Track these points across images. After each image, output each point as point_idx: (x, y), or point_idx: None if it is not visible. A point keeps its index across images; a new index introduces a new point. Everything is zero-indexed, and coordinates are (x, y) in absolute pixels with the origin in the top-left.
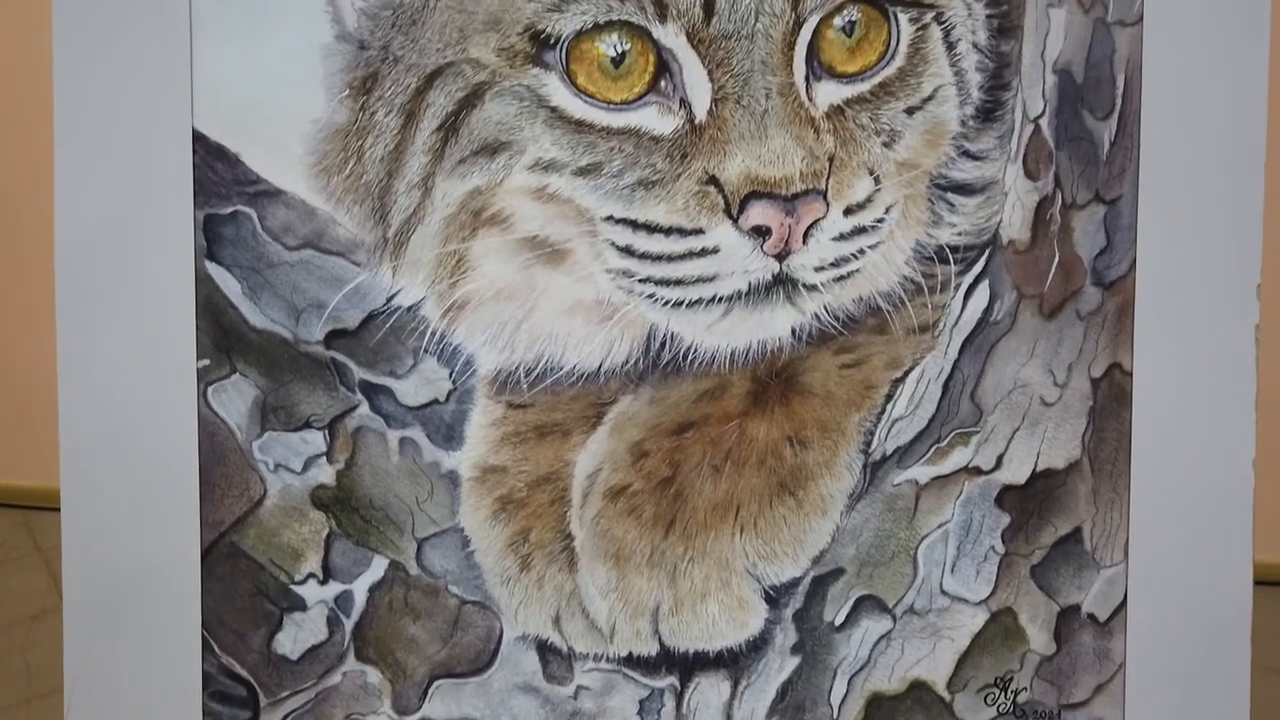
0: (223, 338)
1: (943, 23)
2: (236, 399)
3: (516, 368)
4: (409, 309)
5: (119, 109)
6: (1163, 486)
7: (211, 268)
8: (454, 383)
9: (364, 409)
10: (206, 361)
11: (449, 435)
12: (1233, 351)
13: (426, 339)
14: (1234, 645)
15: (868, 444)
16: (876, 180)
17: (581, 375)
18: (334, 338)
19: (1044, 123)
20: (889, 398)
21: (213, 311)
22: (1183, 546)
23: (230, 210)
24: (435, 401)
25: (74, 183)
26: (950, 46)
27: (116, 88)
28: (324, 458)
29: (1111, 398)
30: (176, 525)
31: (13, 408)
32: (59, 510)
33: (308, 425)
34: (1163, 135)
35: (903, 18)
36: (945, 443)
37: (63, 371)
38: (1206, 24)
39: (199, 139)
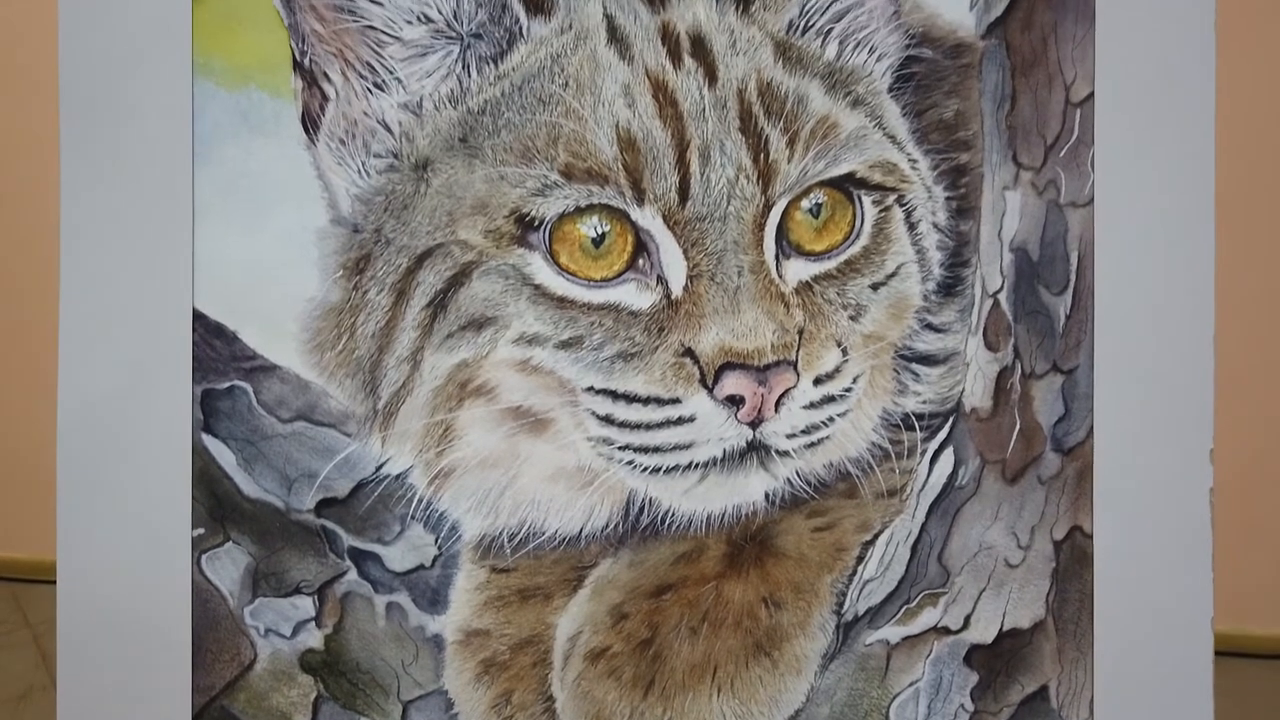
0: (217, 507)
1: (904, 205)
2: (229, 566)
3: (500, 533)
4: (397, 477)
5: (123, 289)
6: (1125, 646)
7: (208, 440)
8: (439, 548)
9: (352, 575)
10: (201, 531)
11: (434, 599)
12: (1189, 515)
13: (413, 506)
14: None
15: (840, 605)
16: (844, 352)
17: (563, 540)
18: (324, 506)
19: (1003, 297)
20: (860, 560)
21: (208, 482)
22: (1146, 705)
23: (227, 385)
24: (421, 567)
25: (78, 359)
26: (912, 227)
27: (121, 268)
28: (313, 622)
29: (1073, 559)
30: (168, 691)
31: (0, 478)
32: (48, 583)
33: (298, 591)
34: (1115, 309)
35: (866, 200)
36: (915, 603)
37: (62, 541)
38: (1154, 205)
39: (199, 317)
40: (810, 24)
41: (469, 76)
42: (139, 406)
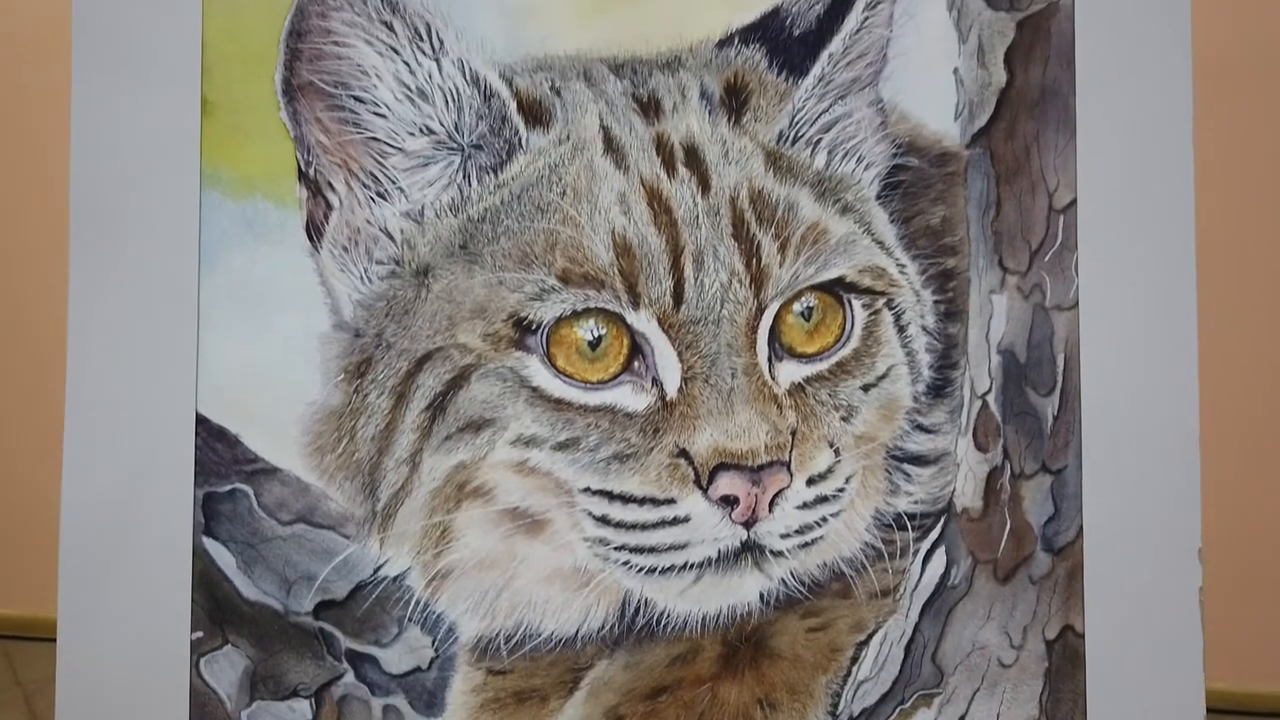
0: (216, 610)
1: (893, 308)
2: (227, 669)
3: (497, 635)
4: (395, 579)
5: (127, 392)
6: None
7: (208, 543)
8: (436, 650)
9: (349, 677)
10: (200, 634)
11: (431, 702)
12: (1179, 614)
13: (411, 608)
14: None
15: (835, 705)
16: (836, 452)
17: (559, 641)
18: (322, 608)
19: (991, 399)
20: (854, 660)
21: (208, 585)
22: None
23: (228, 488)
24: (418, 669)
25: (81, 462)
26: (901, 329)
27: (126, 372)
28: None
29: (1066, 659)
30: None
31: None
32: (40, 640)
33: (295, 694)
34: (1102, 410)
35: (856, 304)
36: (909, 704)
37: (62, 643)
38: (1137, 308)
39: (201, 421)
40: (800, 135)
41: (469, 185)
42: (141, 510)
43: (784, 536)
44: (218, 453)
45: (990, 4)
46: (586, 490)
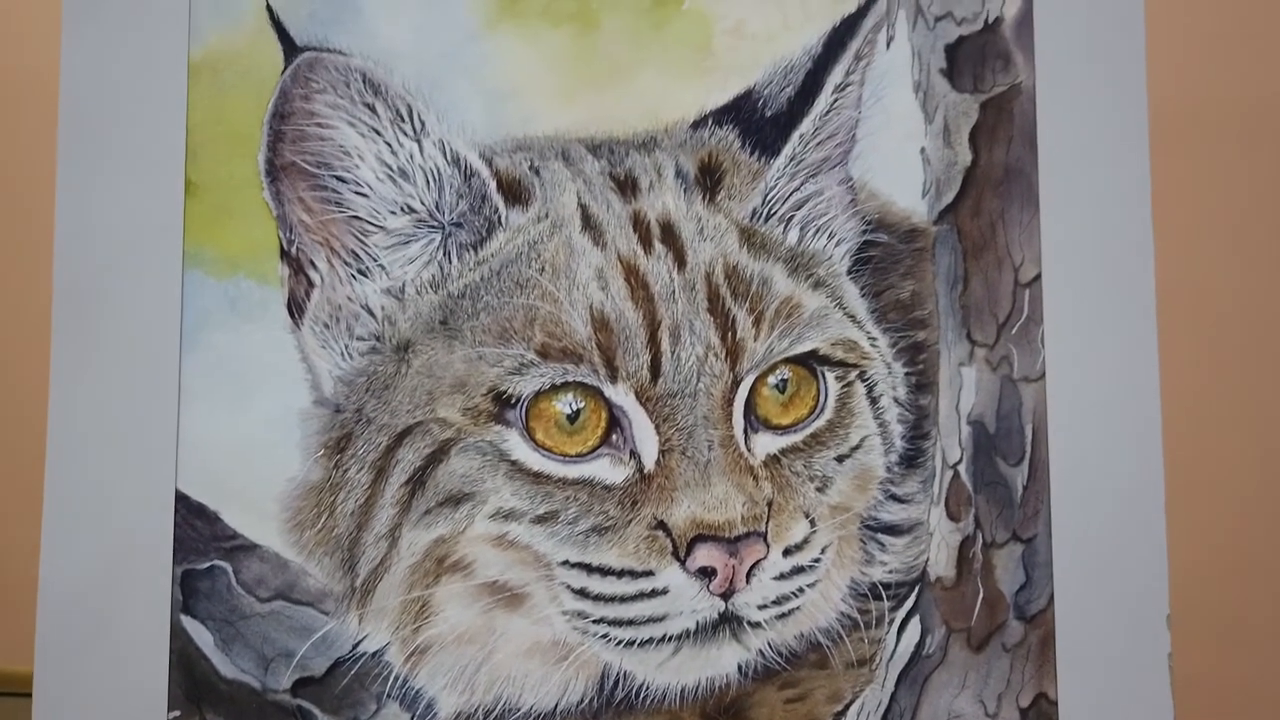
0: (194, 689)
1: (866, 380)
2: None
3: (476, 710)
4: (373, 655)
5: (107, 469)
6: None
7: (186, 621)
8: None
9: None
10: (177, 713)
11: None
12: (1150, 680)
13: (390, 684)
14: None
15: None
16: (812, 523)
17: (538, 716)
18: (301, 685)
19: (962, 469)
20: None
21: (185, 663)
22: None
23: (207, 565)
24: None
25: (60, 540)
26: (874, 401)
27: (107, 450)
28: None
29: None
30: None
31: None
32: (18, 696)
33: None
34: (1069, 479)
35: (829, 376)
36: None
37: None
38: (1102, 379)
39: (181, 499)
40: (772, 212)
41: (450, 263)
42: (119, 587)
43: (761, 607)
44: (197, 529)
45: (955, 86)
46: (565, 563)
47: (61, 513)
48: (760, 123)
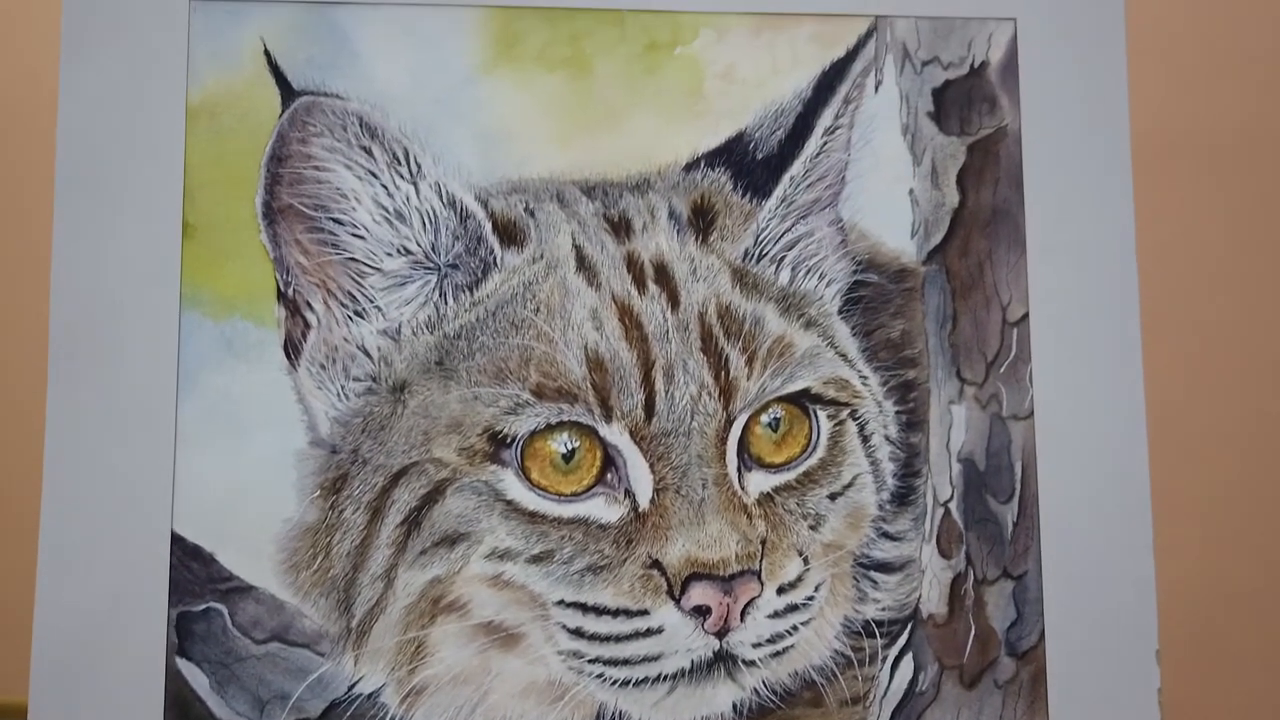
0: None
1: (857, 418)
2: None
3: None
4: (369, 696)
5: (103, 511)
6: None
7: (182, 664)
8: None
9: None
10: None
11: None
12: (1139, 715)
13: None
14: None
15: None
16: (805, 561)
17: None
18: None
19: (953, 506)
20: None
21: (180, 706)
22: None
23: (203, 607)
24: None
25: (55, 582)
26: (865, 439)
27: (103, 492)
28: None
29: None
30: None
31: None
32: None
33: None
34: (1059, 515)
35: (821, 414)
36: None
37: None
38: (1089, 416)
39: (177, 540)
40: (764, 253)
41: (446, 303)
42: (114, 630)
43: (756, 645)
44: (193, 571)
45: (942, 129)
46: (561, 603)
47: (57, 553)
48: (751, 165)
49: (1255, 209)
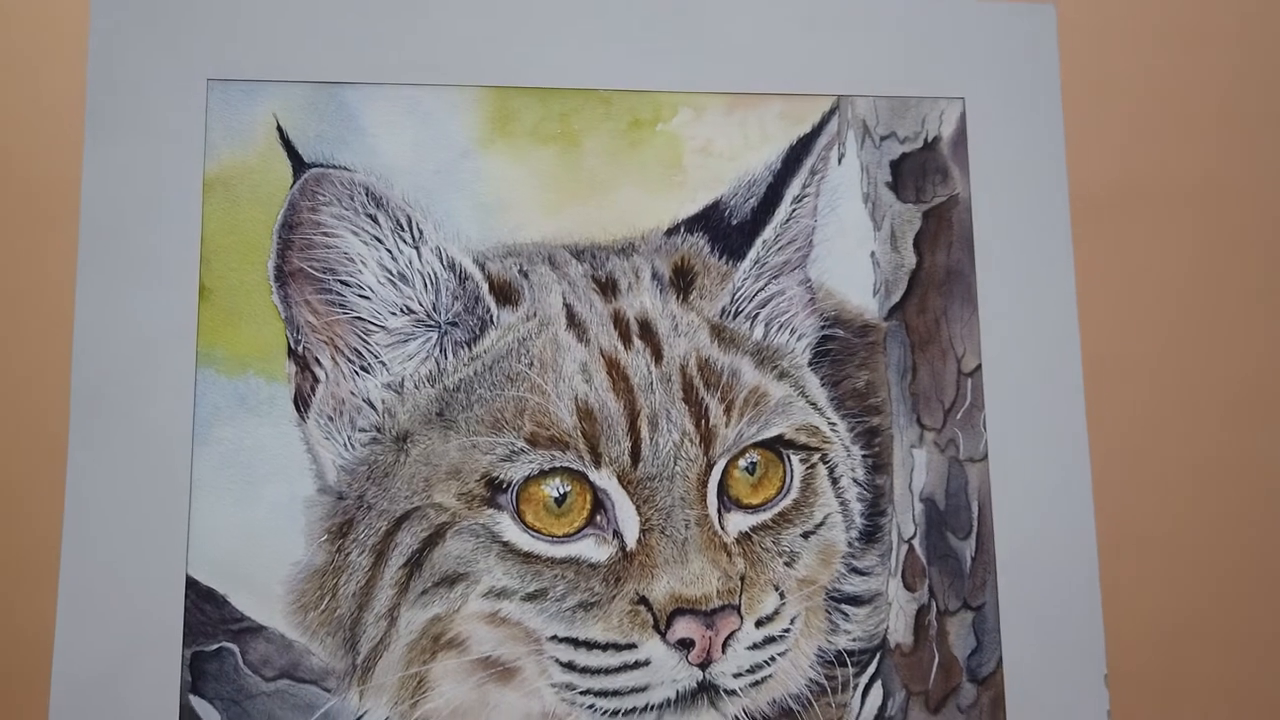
0: None
1: (827, 462)
2: None
3: None
4: None
5: (121, 557)
6: None
7: (195, 701)
8: None
9: None
10: None
11: None
12: None
13: None
14: None
15: None
16: (781, 595)
17: None
18: None
19: (916, 543)
20: None
21: None
22: None
23: (215, 647)
24: None
25: (74, 626)
26: (835, 481)
27: (121, 540)
28: None
29: None
30: None
31: None
32: None
33: None
34: (1013, 550)
35: (794, 458)
36: None
37: None
38: (1038, 459)
39: (191, 583)
40: (740, 310)
41: (446, 358)
42: (131, 670)
43: (737, 675)
44: (206, 613)
45: (899, 197)
46: (554, 638)
47: (77, 597)
48: (727, 230)
49: (1188, 259)
